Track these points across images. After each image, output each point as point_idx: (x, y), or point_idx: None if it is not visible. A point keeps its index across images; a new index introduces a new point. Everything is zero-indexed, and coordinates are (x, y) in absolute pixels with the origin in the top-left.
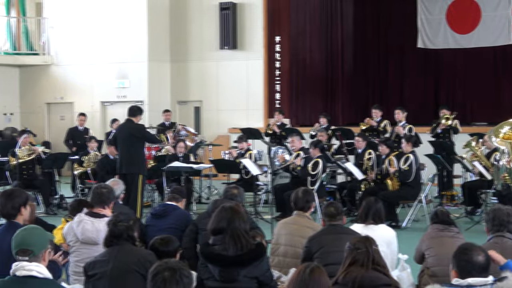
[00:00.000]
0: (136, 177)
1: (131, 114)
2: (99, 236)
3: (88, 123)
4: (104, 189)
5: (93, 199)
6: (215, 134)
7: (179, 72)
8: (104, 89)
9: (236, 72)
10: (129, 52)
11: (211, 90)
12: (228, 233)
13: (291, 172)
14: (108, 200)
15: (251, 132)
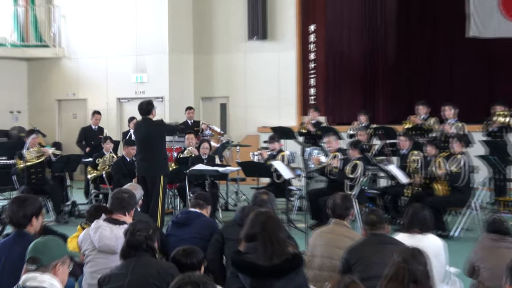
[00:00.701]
0: (158, 179)
1: (145, 113)
2: (118, 244)
3: (103, 122)
4: (125, 194)
5: (113, 204)
6: (243, 133)
7: (203, 65)
8: (121, 84)
9: (266, 65)
10: (148, 44)
11: (238, 85)
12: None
13: (327, 176)
14: (129, 206)
15: (283, 131)
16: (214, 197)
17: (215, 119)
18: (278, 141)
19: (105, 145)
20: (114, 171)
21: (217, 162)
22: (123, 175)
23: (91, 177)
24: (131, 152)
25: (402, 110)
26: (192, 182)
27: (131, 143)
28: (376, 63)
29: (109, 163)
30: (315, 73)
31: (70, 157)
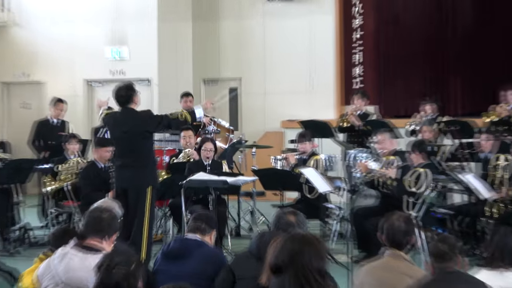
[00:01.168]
0: (143, 193)
1: (124, 101)
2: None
3: (67, 114)
4: (105, 214)
5: (88, 226)
6: (261, 129)
7: (206, 36)
8: (91, 61)
9: (293, 35)
10: (129, 6)
11: (254, 63)
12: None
13: (379, 189)
14: (110, 230)
15: (317, 127)
16: (221, 219)
17: (222, 110)
18: (310, 140)
19: (69, 146)
20: (81, 182)
21: (225, 170)
22: (94, 187)
23: (49, 190)
24: (105, 156)
25: (483, 98)
26: (190, 197)
27: (106, 143)
28: (445, 32)
29: (75, 171)
30: (361, 47)
31: (20, 162)
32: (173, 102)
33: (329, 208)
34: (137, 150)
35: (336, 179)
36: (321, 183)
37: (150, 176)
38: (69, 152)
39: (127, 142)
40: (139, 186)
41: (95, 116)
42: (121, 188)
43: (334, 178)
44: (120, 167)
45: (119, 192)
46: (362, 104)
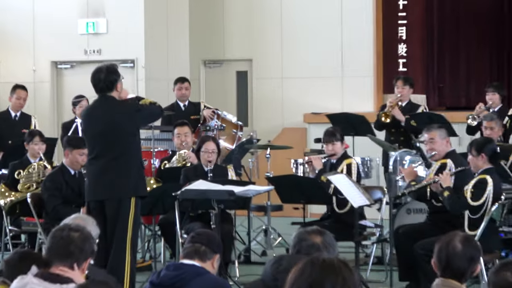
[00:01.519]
0: (125, 205)
1: (104, 87)
2: None
3: (27, 105)
4: (75, 233)
5: (53, 249)
6: (277, 125)
7: (207, 5)
8: (59, 38)
9: (319, 3)
10: None
11: (269, 40)
12: None
13: (430, 202)
14: (81, 254)
15: (351, 122)
16: (226, 240)
17: (227, 100)
18: (340, 139)
19: (32, 146)
20: (47, 193)
21: (231, 177)
22: (63, 200)
23: (6, 203)
24: (78, 160)
25: None
26: (186, 212)
27: (80, 143)
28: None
29: (39, 178)
30: (406, 20)
31: None
32: (164, 89)
33: (366, 227)
34: (118, 151)
35: (374, 189)
36: (354, 195)
37: (134, 184)
38: (30, 154)
39: (105, 140)
40: (119, 197)
41: (65, 107)
42: (96, 201)
43: (371, 188)
44: (95, 173)
45: (93, 205)
46: (407, 93)
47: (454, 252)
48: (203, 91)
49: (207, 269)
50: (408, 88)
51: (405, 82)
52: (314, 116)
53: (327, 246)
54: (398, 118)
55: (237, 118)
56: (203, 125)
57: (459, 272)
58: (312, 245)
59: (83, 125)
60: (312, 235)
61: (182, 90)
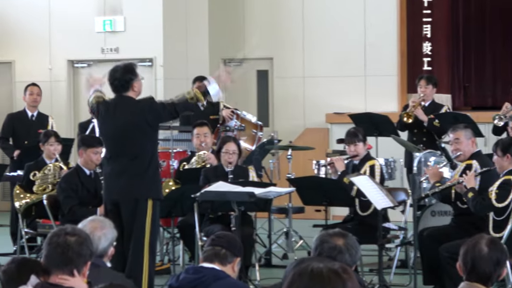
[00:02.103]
0: (142, 207)
1: (120, 86)
2: None
3: (45, 105)
4: (71, 238)
5: (50, 257)
6: (299, 125)
7: (227, 3)
8: (76, 36)
9: (342, 2)
10: None
11: (290, 38)
12: None
13: (455, 204)
14: (79, 259)
15: (374, 122)
16: (247, 243)
17: (248, 99)
18: (363, 140)
19: (47, 147)
20: (63, 195)
21: (252, 178)
22: (79, 201)
23: (21, 205)
24: (92, 159)
25: None
26: (206, 214)
27: (94, 142)
28: None
29: (55, 179)
30: (430, 17)
31: None
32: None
33: (389, 229)
34: (134, 151)
35: (397, 191)
36: (378, 197)
37: (150, 186)
38: (46, 155)
39: (121, 140)
40: (135, 199)
41: (81, 107)
42: (112, 202)
43: (395, 189)
44: (111, 174)
45: (110, 207)
46: (430, 92)
47: (480, 255)
48: (223, 90)
49: (228, 272)
50: (432, 87)
51: (429, 81)
52: (337, 116)
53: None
54: (420, 118)
55: (258, 118)
56: (223, 125)
57: (485, 276)
58: (334, 247)
59: (99, 125)
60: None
61: (202, 89)
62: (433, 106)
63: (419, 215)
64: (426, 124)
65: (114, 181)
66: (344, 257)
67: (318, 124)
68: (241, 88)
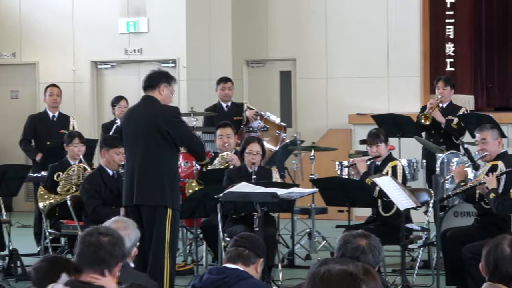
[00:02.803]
0: (162, 213)
1: (146, 85)
2: None
3: (68, 106)
4: (104, 238)
5: (82, 256)
6: (321, 126)
7: (251, 4)
8: (100, 37)
9: (365, 3)
10: None
11: (313, 39)
12: None
13: (478, 205)
14: (112, 259)
15: (396, 123)
16: (270, 244)
17: (271, 100)
18: (385, 140)
19: (71, 148)
20: (86, 195)
21: (275, 179)
22: (103, 201)
23: (45, 206)
24: (115, 159)
25: None
26: (229, 215)
27: (115, 142)
28: None
29: (79, 180)
30: (453, 18)
31: (7, 169)
32: (206, 89)
33: (412, 230)
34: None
35: (420, 192)
36: (400, 197)
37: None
38: (70, 156)
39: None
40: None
41: (105, 108)
42: (132, 204)
43: (417, 190)
44: (129, 176)
45: (130, 209)
46: (448, 94)
47: (502, 256)
48: (246, 92)
49: (251, 273)
50: (450, 89)
51: (446, 82)
52: (359, 117)
53: (373, 249)
54: (438, 120)
55: (281, 119)
56: (246, 126)
57: (507, 276)
58: (357, 248)
59: (121, 125)
60: (358, 238)
61: (226, 90)
62: (451, 107)
63: (442, 216)
64: (444, 126)
65: (133, 184)
66: (367, 258)
67: (341, 125)
68: (264, 89)
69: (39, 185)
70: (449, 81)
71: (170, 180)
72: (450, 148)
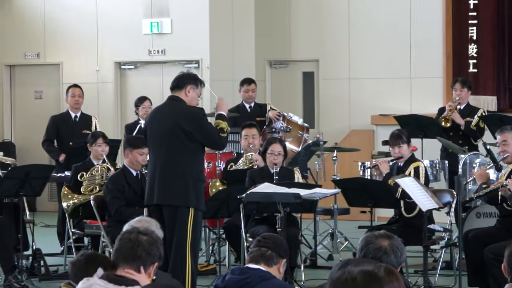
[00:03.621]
0: (184, 213)
1: (173, 86)
2: None
3: (91, 106)
4: (143, 236)
5: (120, 251)
6: (344, 127)
7: (273, 5)
8: (123, 38)
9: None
10: None
11: (336, 40)
12: None
13: (500, 205)
14: (148, 258)
15: (419, 124)
16: (292, 244)
17: (294, 101)
18: (407, 142)
19: (95, 148)
20: (110, 195)
21: (297, 179)
22: (126, 202)
23: (69, 206)
24: (138, 159)
25: None
26: (252, 215)
27: (138, 143)
28: None
29: (102, 180)
30: (476, 19)
31: (31, 169)
32: (229, 90)
33: (434, 231)
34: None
35: (443, 193)
36: (423, 198)
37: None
38: (93, 156)
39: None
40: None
41: (128, 108)
42: (154, 204)
43: (440, 191)
44: (152, 176)
45: (152, 207)
46: (465, 95)
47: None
48: (269, 92)
49: (273, 273)
50: (467, 90)
51: (464, 84)
52: (382, 118)
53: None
54: (457, 122)
55: (303, 120)
56: (269, 127)
57: None
58: (379, 248)
59: (146, 125)
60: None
61: (249, 92)
62: (468, 109)
63: (464, 217)
64: (463, 128)
65: (155, 184)
66: (389, 258)
67: (364, 126)
68: (287, 90)
69: (62, 185)
70: (466, 83)
71: (194, 180)
72: (470, 150)
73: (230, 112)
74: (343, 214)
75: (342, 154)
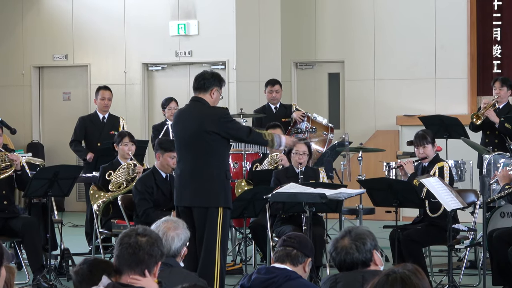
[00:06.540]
0: (213, 213)
1: (197, 86)
2: None
3: (119, 107)
4: (142, 238)
5: (122, 257)
6: (369, 127)
7: (299, 7)
8: (150, 40)
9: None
10: None
11: (361, 41)
12: None
13: None
14: (150, 259)
15: (444, 125)
16: (318, 244)
17: (319, 102)
18: (432, 142)
19: (122, 147)
20: (138, 197)
21: (322, 180)
22: (154, 203)
23: (98, 206)
24: (169, 163)
25: None
26: (277, 215)
27: (170, 146)
28: None
29: (129, 176)
30: (500, 20)
31: (59, 170)
32: (255, 91)
33: (459, 230)
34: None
35: (467, 192)
36: (447, 198)
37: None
38: (121, 156)
39: (190, 144)
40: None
41: (155, 109)
42: (183, 205)
43: (464, 191)
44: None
45: (181, 208)
46: (506, 94)
47: None
48: (295, 93)
49: (299, 273)
50: (506, 89)
51: (503, 83)
52: (407, 118)
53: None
54: (492, 120)
55: (329, 120)
56: (294, 127)
57: None
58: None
59: (172, 127)
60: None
61: (273, 94)
62: (507, 108)
63: (489, 217)
64: (498, 126)
65: (184, 186)
66: (353, 256)
67: (389, 126)
68: (312, 91)
69: (90, 185)
70: (506, 82)
71: (221, 180)
72: (505, 149)
73: (256, 113)
74: (368, 214)
75: (368, 155)
